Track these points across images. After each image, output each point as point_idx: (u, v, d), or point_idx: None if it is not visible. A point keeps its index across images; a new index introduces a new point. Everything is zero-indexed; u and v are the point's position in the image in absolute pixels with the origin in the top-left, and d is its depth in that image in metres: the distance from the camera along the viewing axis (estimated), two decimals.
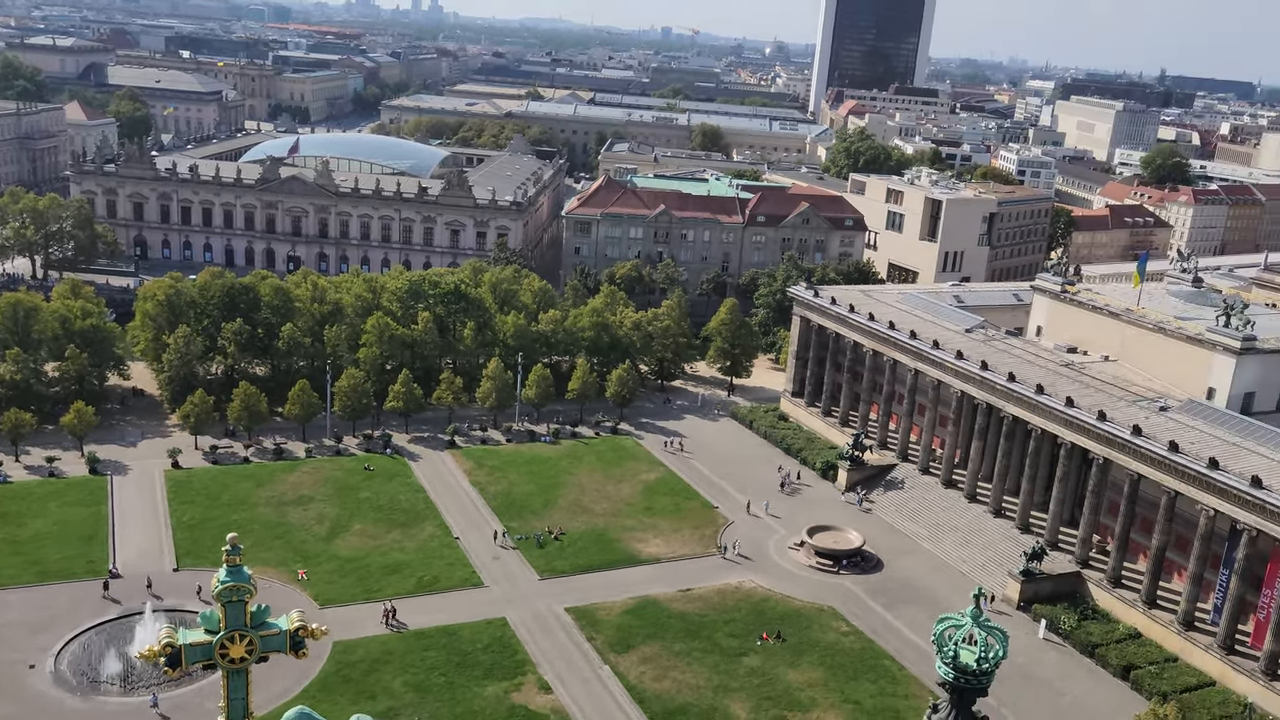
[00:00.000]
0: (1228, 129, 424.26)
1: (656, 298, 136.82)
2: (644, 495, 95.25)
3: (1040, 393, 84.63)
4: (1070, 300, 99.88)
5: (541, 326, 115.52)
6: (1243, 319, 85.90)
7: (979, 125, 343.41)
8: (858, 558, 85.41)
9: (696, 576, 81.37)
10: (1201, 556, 73.10)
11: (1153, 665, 71.66)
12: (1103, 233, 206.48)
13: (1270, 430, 77.24)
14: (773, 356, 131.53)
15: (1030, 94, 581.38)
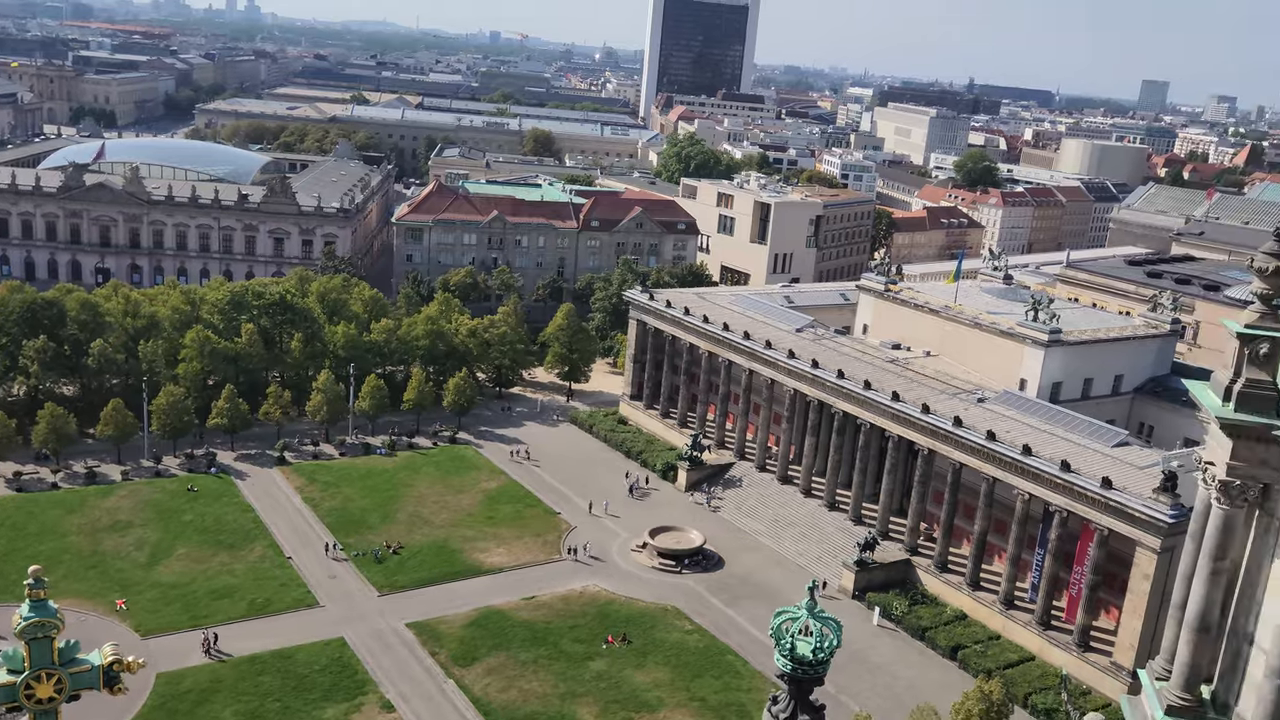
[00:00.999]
0: (1031, 135, 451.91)
1: (492, 304, 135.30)
2: (485, 504, 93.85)
3: (868, 388, 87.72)
4: (893, 299, 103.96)
5: (374, 336, 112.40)
6: (1049, 313, 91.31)
7: (803, 130, 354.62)
8: (699, 556, 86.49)
9: (540, 584, 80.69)
10: (1019, 539, 77.23)
11: (978, 644, 75.29)
12: (921, 233, 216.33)
13: (1076, 417, 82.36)
14: (611, 360, 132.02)
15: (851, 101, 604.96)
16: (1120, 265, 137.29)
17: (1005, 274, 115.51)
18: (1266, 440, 23.54)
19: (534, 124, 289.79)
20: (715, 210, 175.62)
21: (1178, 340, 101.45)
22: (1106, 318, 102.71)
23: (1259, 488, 24.22)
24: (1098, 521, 71.04)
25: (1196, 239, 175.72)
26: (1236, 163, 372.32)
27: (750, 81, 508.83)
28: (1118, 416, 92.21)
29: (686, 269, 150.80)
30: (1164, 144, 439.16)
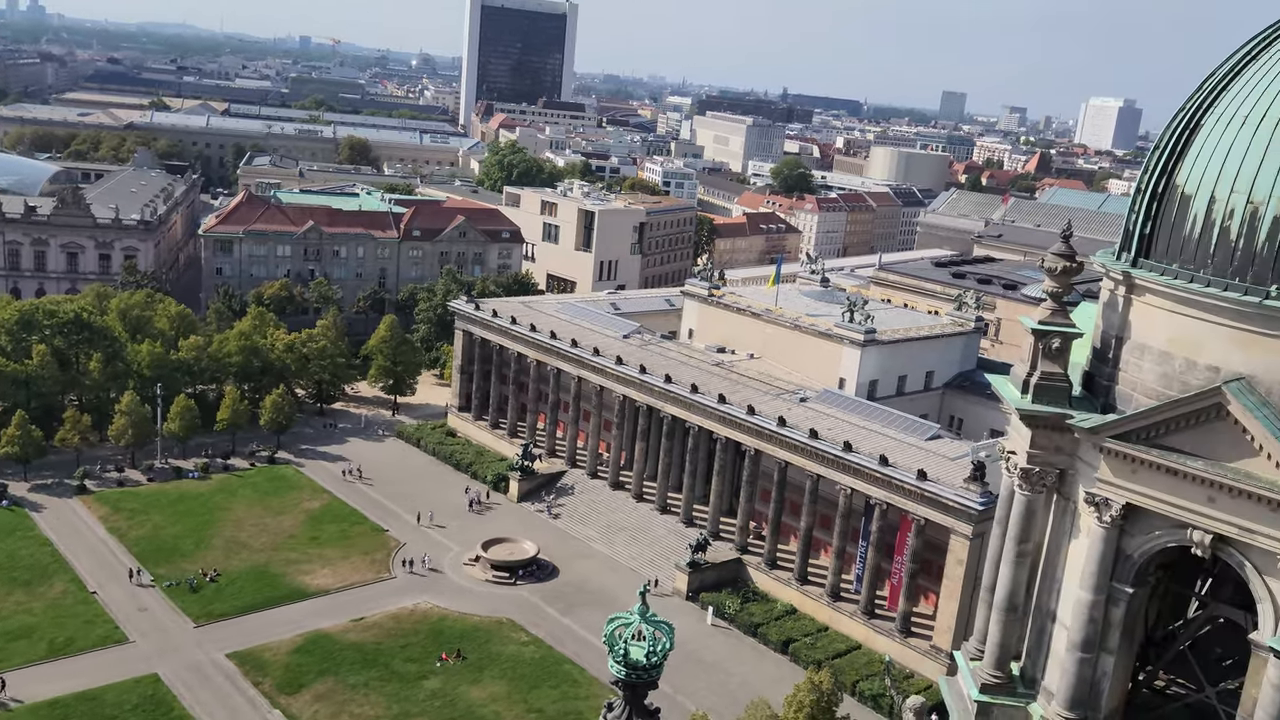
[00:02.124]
0: (842, 143, 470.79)
1: (310, 318, 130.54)
2: (308, 525, 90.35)
3: (695, 392, 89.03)
4: (717, 303, 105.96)
5: (183, 354, 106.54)
6: (864, 314, 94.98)
7: (625, 139, 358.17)
8: (533, 567, 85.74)
9: (369, 604, 78.22)
10: (843, 532, 79.87)
11: (808, 637, 77.42)
12: (742, 239, 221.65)
13: (892, 413, 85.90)
14: (437, 372, 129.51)
15: (670, 109, 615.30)
16: (928, 267, 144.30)
17: (822, 277, 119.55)
18: (1061, 429, 24.89)
19: (349, 131, 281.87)
20: (540, 218, 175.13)
21: (982, 337, 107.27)
22: (917, 317, 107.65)
23: (1056, 473, 25.60)
24: (915, 512, 74.22)
25: (996, 241, 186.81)
26: (1029, 169, 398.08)
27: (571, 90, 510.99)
28: (930, 411, 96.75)
29: (512, 278, 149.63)
30: (964, 152, 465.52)
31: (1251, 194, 22.03)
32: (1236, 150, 22.50)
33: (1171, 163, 23.95)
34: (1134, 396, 24.07)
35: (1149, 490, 23.22)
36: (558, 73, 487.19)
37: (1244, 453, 21.76)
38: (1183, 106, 24.49)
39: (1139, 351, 24.18)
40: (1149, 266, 23.88)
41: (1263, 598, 21.99)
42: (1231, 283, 22.07)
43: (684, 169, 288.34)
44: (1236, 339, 22.20)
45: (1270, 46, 23.47)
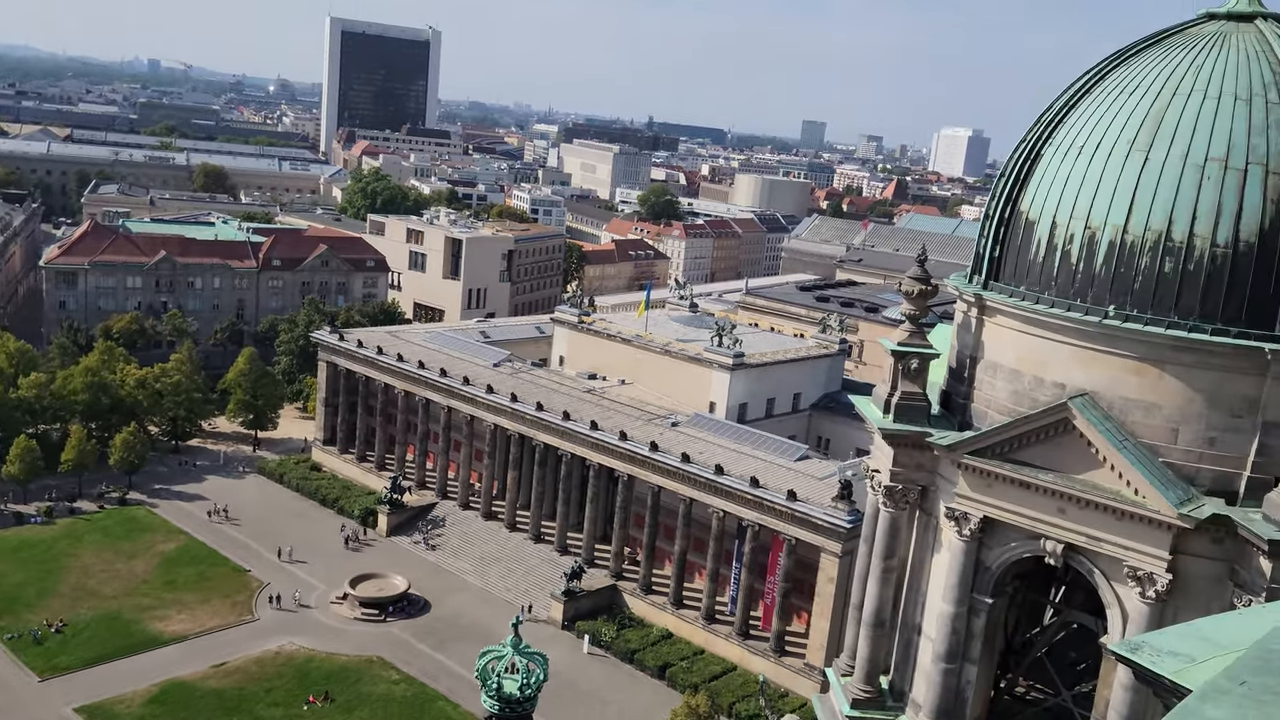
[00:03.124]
0: (708, 170, 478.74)
1: (164, 351, 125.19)
2: (163, 569, 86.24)
3: (567, 419, 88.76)
4: (587, 330, 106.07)
5: (23, 392, 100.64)
6: (732, 338, 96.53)
7: (492, 166, 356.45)
8: (404, 602, 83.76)
9: (231, 648, 75.02)
10: (717, 555, 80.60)
11: (684, 661, 77.68)
12: (611, 265, 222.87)
13: (762, 435, 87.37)
14: (300, 405, 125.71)
15: (537, 137, 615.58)
16: (793, 291, 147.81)
17: (691, 302, 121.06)
18: (922, 446, 25.65)
19: (204, 158, 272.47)
20: (405, 247, 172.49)
21: (846, 358, 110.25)
22: (783, 340, 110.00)
23: (918, 490, 26.35)
24: (786, 532, 75.46)
25: (857, 265, 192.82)
26: (886, 196, 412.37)
27: (435, 117, 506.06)
28: (798, 432, 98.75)
29: (378, 307, 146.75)
30: (824, 179, 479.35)
31: (1089, 219, 23.21)
32: (1074, 178, 23.70)
33: (1016, 190, 25.07)
34: (988, 414, 24.98)
35: (1005, 503, 24.09)
36: (422, 99, 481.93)
37: (1090, 465, 22.80)
38: (1024, 137, 25.70)
39: (992, 370, 25.14)
40: (998, 289, 24.89)
41: (1111, 603, 23.01)
42: (1074, 303, 23.17)
43: (552, 196, 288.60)
44: (1080, 357, 23.29)
45: (1101, 81, 24.85)
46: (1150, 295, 22.46)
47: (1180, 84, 23.39)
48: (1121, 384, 22.83)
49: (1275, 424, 21.65)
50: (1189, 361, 22.26)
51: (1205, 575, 22.02)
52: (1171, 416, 22.48)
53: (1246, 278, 21.94)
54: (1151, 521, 22.05)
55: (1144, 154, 22.89)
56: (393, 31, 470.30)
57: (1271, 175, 22.05)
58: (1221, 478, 22.20)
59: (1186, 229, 22.23)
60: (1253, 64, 23.28)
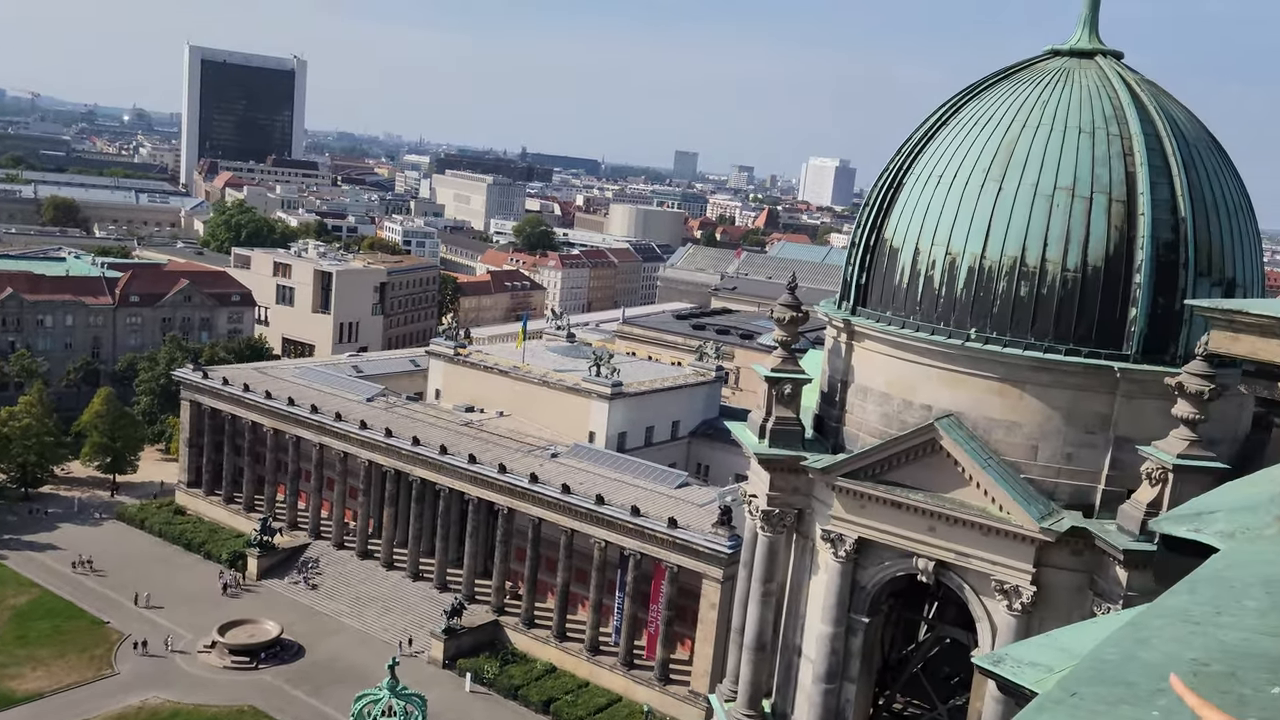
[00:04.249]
0: (582, 200, 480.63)
1: (12, 394, 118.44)
2: (14, 624, 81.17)
3: (444, 453, 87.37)
4: (464, 362, 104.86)
5: None
6: (610, 368, 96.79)
7: (362, 197, 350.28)
8: (277, 648, 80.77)
9: (91, 705, 71.01)
10: (599, 585, 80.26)
11: (569, 694, 76.91)
12: (487, 297, 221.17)
13: (642, 463, 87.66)
14: (162, 446, 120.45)
15: (408, 168, 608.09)
16: (669, 319, 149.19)
17: (568, 333, 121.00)
18: (797, 470, 26.11)
19: (53, 191, 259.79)
20: (273, 280, 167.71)
21: (723, 385, 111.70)
22: (661, 369, 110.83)
23: (795, 513, 26.78)
24: (668, 560, 75.69)
25: (731, 293, 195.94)
26: (758, 225, 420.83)
27: (302, 147, 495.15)
28: (678, 459, 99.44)
29: (244, 343, 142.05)
30: (698, 208, 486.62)
31: (949, 246, 24.09)
32: (934, 207, 24.58)
33: (880, 219, 25.87)
34: (860, 436, 25.57)
35: (878, 524, 24.66)
36: (288, 130, 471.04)
37: (957, 483, 23.53)
38: (886, 167, 26.58)
39: (862, 394, 25.77)
40: (866, 314, 25.58)
41: (981, 617, 23.73)
42: (937, 327, 23.97)
43: (425, 228, 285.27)
44: (945, 379, 24.08)
45: (957, 114, 25.90)
46: (1008, 318, 23.41)
47: (1029, 117, 24.56)
48: (984, 404, 23.68)
49: (1126, 439, 22.75)
50: (1046, 381, 23.25)
51: (1067, 586, 22.93)
52: (1031, 434, 23.42)
53: (1095, 300, 23.07)
54: (1016, 536, 22.88)
55: (998, 184, 23.93)
56: (256, 61, 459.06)
57: (1114, 203, 23.30)
58: (1079, 492, 23.19)
59: (1039, 255, 23.28)
60: (1094, 98, 24.61)
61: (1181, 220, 23.24)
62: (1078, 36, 26.42)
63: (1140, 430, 22.26)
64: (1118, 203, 23.25)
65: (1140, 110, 24.21)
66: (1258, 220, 26.31)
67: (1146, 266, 22.88)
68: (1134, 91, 24.74)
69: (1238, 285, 24.12)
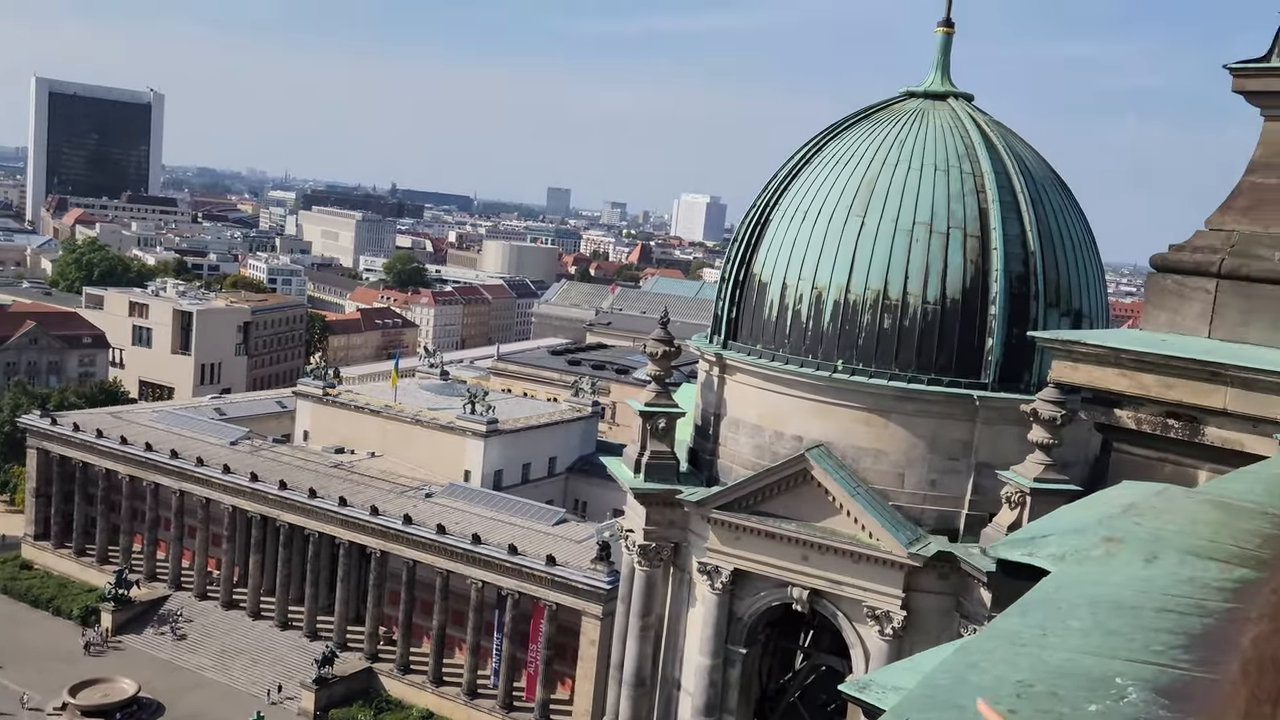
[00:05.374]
0: (455, 237, 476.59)
1: None
2: None
3: (314, 496, 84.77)
4: (333, 402, 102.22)
5: None
6: (485, 405, 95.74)
7: (224, 235, 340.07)
8: (134, 708, 76.61)
9: None
10: (477, 627, 78.79)
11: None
12: (357, 335, 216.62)
13: (519, 501, 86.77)
14: (7, 498, 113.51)
15: (273, 204, 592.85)
16: (545, 355, 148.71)
17: (442, 370, 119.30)
18: (673, 504, 26.17)
19: None
20: (128, 321, 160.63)
21: (599, 420, 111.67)
22: (537, 405, 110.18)
23: (671, 547, 26.80)
24: (547, 598, 74.86)
25: (606, 328, 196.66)
26: (632, 260, 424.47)
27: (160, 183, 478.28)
28: (555, 496, 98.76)
29: (97, 387, 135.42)
30: (571, 244, 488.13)
31: (815, 280, 24.65)
32: (800, 242, 25.15)
33: (748, 254, 26.32)
34: (733, 468, 25.82)
35: (753, 555, 24.88)
36: (144, 165, 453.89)
37: (828, 512, 23.95)
38: (754, 203, 27.10)
39: (735, 426, 26.05)
40: (737, 348, 25.93)
41: (854, 643, 24.11)
42: (806, 359, 24.45)
43: (291, 265, 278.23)
44: (814, 410, 24.55)
45: (820, 152, 26.63)
46: (873, 350, 24.04)
47: (888, 155, 25.42)
48: (853, 434, 24.21)
49: (986, 464, 23.55)
50: (910, 410, 23.92)
51: (935, 609, 23.52)
52: (898, 462, 24.03)
53: (954, 331, 23.90)
54: (885, 562, 23.37)
55: (860, 219, 24.64)
56: (108, 94, 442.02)
57: (969, 238, 24.25)
58: (944, 517, 23.87)
59: (901, 288, 24.03)
60: (948, 138, 25.64)
61: (1031, 254, 24.34)
62: (931, 79, 27.54)
63: (999, 456, 23.08)
64: (972, 237, 24.22)
65: (990, 149, 25.34)
66: (1100, 254, 27.77)
67: (1000, 298, 23.84)
68: (984, 132, 25.88)
69: (1084, 316, 25.36)
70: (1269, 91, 7.77)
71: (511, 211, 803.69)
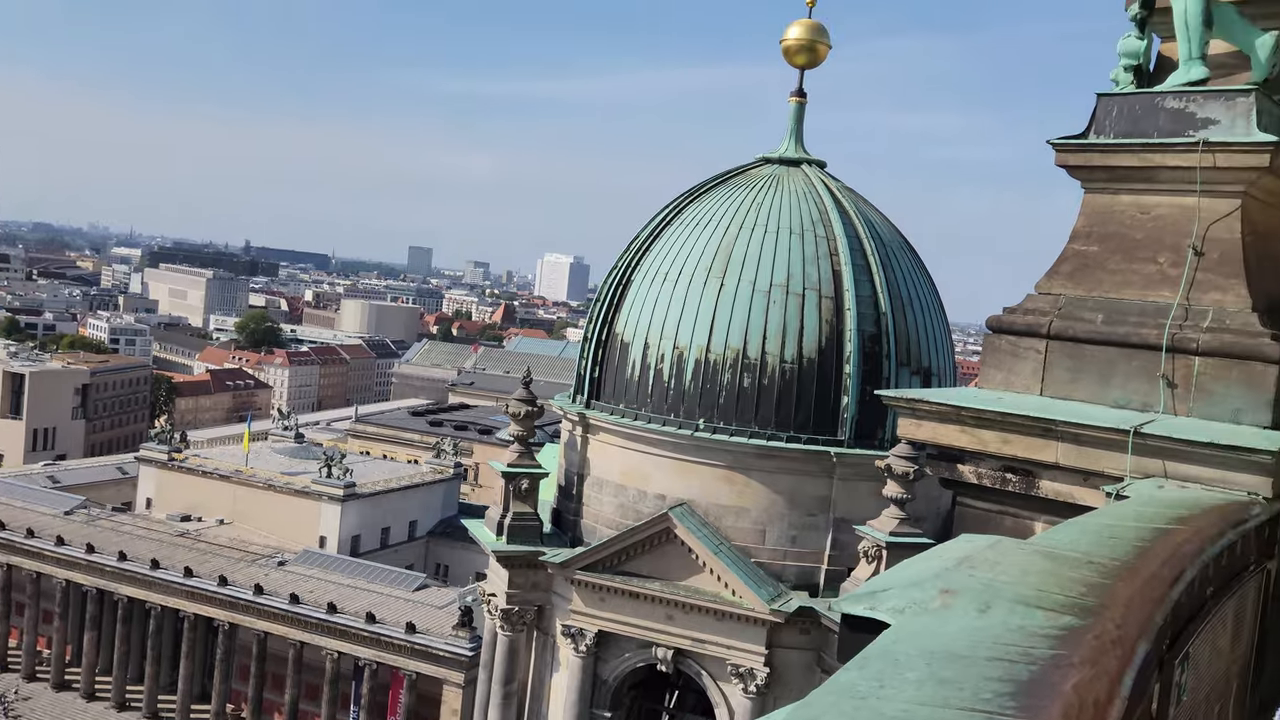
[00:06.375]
0: (311, 295, 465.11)
1: None
2: None
3: (156, 568, 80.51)
4: (180, 468, 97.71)
5: None
6: (342, 468, 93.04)
7: (62, 292, 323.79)
8: None
9: None
10: (332, 700, 75.67)
11: None
12: (207, 397, 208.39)
13: (378, 567, 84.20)
14: None
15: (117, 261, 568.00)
16: (405, 416, 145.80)
17: (297, 433, 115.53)
18: (536, 566, 25.86)
19: None
20: None
21: (461, 482, 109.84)
22: (397, 467, 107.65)
23: (534, 610, 26.43)
24: (406, 667, 72.60)
25: (469, 388, 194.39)
26: (495, 319, 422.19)
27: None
28: (416, 560, 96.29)
29: None
30: (433, 303, 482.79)
31: (676, 340, 25.04)
32: (661, 302, 25.56)
33: (611, 313, 26.58)
34: (597, 528, 25.75)
35: (617, 616, 24.76)
36: None
37: (692, 570, 24.08)
38: (616, 264, 27.45)
39: (598, 486, 26.04)
40: (600, 407, 26.03)
41: (719, 702, 24.18)
42: (668, 418, 24.72)
43: (136, 325, 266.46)
44: (677, 468, 24.78)
45: (680, 214, 27.22)
46: (734, 408, 24.49)
47: (745, 219, 26.18)
48: (715, 491, 24.51)
49: (844, 519, 24.15)
50: (770, 467, 24.40)
51: (798, 665, 23.83)
52: (759, 519, 24.41)
53: (811, 389, 24.58)
54: (748, 619, 23.60)
55: (720, 281, 25.23)
56: None
57: (824, 299, 25.09)
58: (804, 572, 24.31)
59: (760, 348, 24.62)
60: (802, 203, 26.59)
61: (883, 314, 25.33)
62: (785, 146, 28.58)
63: (856, 511, 23.70)
64: (827, 299, 25.06)
65: (842, 214, 26.37)
66: (947, 314, 29.09)
67: (855, 357, 24.67)
68: (836, 197, 26.94)
69: (934, 374, 26.45)
70: (1087, 165, 8.36)
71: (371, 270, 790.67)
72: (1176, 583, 4.06)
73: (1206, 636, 5.04)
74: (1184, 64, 8.11)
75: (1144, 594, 3.71)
